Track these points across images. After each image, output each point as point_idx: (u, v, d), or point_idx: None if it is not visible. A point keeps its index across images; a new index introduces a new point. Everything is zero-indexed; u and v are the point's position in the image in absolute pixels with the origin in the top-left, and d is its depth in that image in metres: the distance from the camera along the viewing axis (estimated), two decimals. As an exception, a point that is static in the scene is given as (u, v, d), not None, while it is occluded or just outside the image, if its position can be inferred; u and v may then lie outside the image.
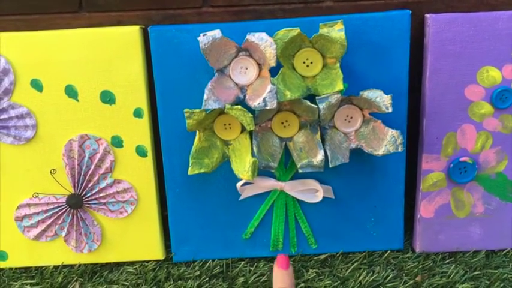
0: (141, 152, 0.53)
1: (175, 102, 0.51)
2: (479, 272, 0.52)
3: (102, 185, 0.53)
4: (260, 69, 0.48)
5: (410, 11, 0.49)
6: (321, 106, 0.47)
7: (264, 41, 0.45)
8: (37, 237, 0.54)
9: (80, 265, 0.55)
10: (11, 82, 0.50)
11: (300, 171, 0.50)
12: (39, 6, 0.49)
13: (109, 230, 0.55)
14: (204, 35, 0.45)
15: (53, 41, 0.50)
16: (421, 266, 0.53)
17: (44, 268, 0.55)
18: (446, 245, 0.55)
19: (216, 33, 0.45)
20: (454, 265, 0.53)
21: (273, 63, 0.45)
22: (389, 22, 0.49)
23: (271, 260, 0.55)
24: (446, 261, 0.54)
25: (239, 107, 0.46)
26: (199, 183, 0.53)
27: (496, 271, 0.52)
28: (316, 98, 0.47)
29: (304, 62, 0.48)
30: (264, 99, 0.45)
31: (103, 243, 0.55)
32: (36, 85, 0.51)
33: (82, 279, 0.53)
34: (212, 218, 0.54)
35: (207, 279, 0.52)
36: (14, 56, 0.50)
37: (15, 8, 0.49)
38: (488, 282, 0.51)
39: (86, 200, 0.53)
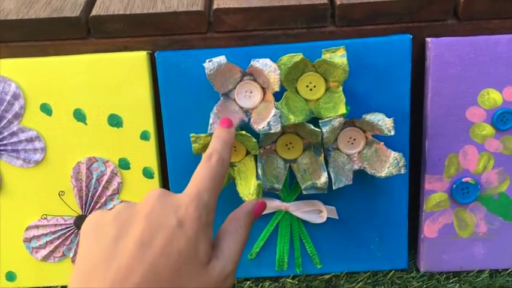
0: (147, 173, 0.53)
1: (181, 125, 0.52)
2: (483, 292, 0.53)
3: (110, 206, 0.54)
4: (264, 93, 0.49)
5: (411, 36, 0.50)
6: (324, 129, 0.48)
7: (268, 67, 0.46)
8: (45, 258, 0.55)
9: (87, 285, 0.56)
10: (21, 106, 0.52)
11: (304, 192, 0.50)
12: (49, 33, 0.51)
13: (116, 250, 0.55)
14: (209, 61, 0.46)
15: (62, 66, 0.51)
16: (425, 286, 0.54)
17: (51, 288, 0.56)
18: (450, 264, 0.55)
19: (221, 59, 0.47)
20: (458, 285, 0.54)
21: (276, 88, 0.46)
22: (391, 46, 0.50)
23: (277, 279, 0.56)
24: (451, 281, 0.55)
25: (243, 132, 0.47)
26: (205, 204, 0.54)
27: (500, 291, 0.53)
28: (320, 121, 0.48)
29: (307, 86, 0.49)
30: (269, 123, 0.46)
31: (110, 264, 0.55)
32: (46, 109, 0.52)
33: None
34: (218, 238, 0.55)
35: (213, 299, 0.53)
36: (24, 81, 0.51)
37: (27, 35, 0.51)
38: (492, 303, 0.51)
39: (94, 221, 0.54)
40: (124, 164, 0.53)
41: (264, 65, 0.46)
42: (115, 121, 0.52)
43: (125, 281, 0.30)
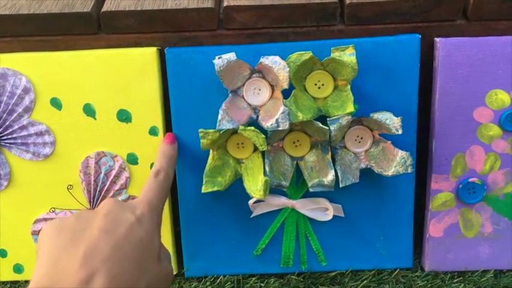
0: (155, 169, 0.54)
1: (189, 121, 0.52)
2: (487, 292, 0.53)
3: (117, 200, 0.54)
4: (273, 91, 0.49)
5: (420, 35, 0.50)
6: (332, 127, 0.48)
7: (277, 64, 0.46)
8: (53, 251, 0.56)
9: (94, 279, 0.56)
10: (31, 100, 0.52)
11: (310, 190, 0.51)
12: (60, 28, 0.51)
13: (123, 245, 0.56)
14: (219, 58, 0.47)
15: (73, 61, 0.51)
16: (430, 285, 0.54)
17: (59, 281, 0.56)
18: (455, 264, 0.55)
19: (231, 56, 0.47)
20: (462, 284, 0.54)
21: (285, 86, 0.46)
22: (400, 46, 0.50)
23: (282, 276, 0.56)
24: (455, 280, 0.55)
25: (252, 128, 0.47)
26: (211, 201, 0.54)
27: (505, 291, 0.53)
28: (328, 119, 0.48)
29: (315, 84, 0.49)
30: (277, 120, 0.46)
31: (117, 258, 0.56)
32: (56, 103, 0.52)
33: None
34: (224, 234, 0.55)
35: (219, 295, 0.54)
36: (35, 75, 0.52)
37: (38, 30, 0.51)
38: (497, 303, 0.51)
39: (101, 215, 0.55)
40: (132, 159, 0.54)
41: (274, 62, 0.46)
42: (124, 116, 0.53)
43: (94, 257, 0.32)
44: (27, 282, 0.57)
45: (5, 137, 0.53)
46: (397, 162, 0.49)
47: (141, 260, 0.35)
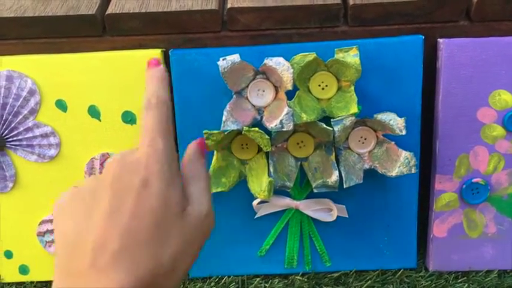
0: (160, 170, 0.54)
1: (193, 123, 0.52)
2: (491, 292, 0.53)
3: (122, 202, 0.55)
4: (277, 92, 0.49)
5: (423, 36, 0.50)
6: (336, 128, 0.48)
7: (281, 66, 0.46)
8: (58, 252, 0.56)
9: (99, 280, 0.56)
10: (36, 102, 0.52)
11: (315, 190, 0.51)
12: (65, 30, 0.51)
13: (128, 245, 0.56)
14: (223, 60, 0.47)
15: (78, 63, 0.52)
16: (434, 285, 0.54)
17: (64, 282, 0.57)
18: (459, 264, 0.56)
19: (235, 57, 0.47)
20: (466, 284, 0.54)
21: (289, 87, 0.47)
22: (403, 47, 0.50)
23: (286, 276, 0.56)
24: (459, 281, 0.55)
25: (256, 129, 0.47)
26: (215, 201, 0.54)
27: (509, 291, 0.53)
28: (332, 120, 0.48)
29: (319, 85, 0.50)
30: (281, 121, 0.47)
31: (122, 259, 0.56)
32: (61, 105, 0.53)
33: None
34: (228, 235, 0.55)
35: (223, 295, 0.54)
36: (41, 78, 0.52)
37: (43, 32, 0.52)
38: (501, 303, 0.52)
39: (106, 216, 0.55)
40: (137, 160, 0.54)
41: (278, 63, 0.46)
42: (129, 118, 0.53)
43: (104, 250, 0.30)
44: (32, 283, 0.57)
45: (10, 139, 0.53)
46: (400, 163, 0.49)
47: (158, 232, 0.31)
